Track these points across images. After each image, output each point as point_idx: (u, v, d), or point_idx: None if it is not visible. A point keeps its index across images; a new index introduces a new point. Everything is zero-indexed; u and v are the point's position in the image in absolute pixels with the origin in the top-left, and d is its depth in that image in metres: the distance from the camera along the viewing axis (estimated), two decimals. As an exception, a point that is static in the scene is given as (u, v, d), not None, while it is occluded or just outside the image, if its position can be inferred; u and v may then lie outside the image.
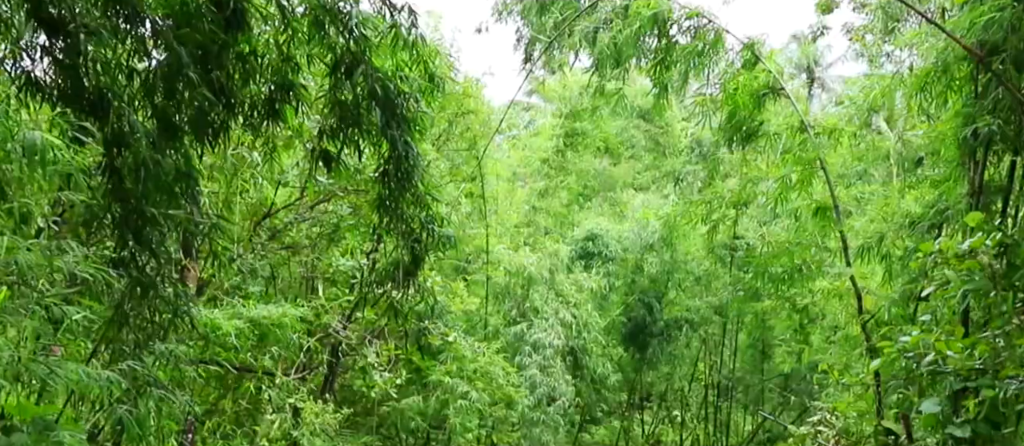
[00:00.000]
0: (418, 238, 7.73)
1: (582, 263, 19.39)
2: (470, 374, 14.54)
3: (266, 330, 9.20)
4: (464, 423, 14.27)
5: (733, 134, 9.06)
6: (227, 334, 8.65)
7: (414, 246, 7.71)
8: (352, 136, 7.68)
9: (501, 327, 17.70)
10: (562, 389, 16.68)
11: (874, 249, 8.77)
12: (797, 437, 8.99)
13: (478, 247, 17.65)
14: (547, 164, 20.90)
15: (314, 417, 12.19)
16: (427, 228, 7.77)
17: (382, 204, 7.80)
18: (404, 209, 7.67)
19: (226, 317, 8.89)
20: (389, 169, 7.65)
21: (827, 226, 8.78)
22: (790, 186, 8.76)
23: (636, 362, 21.82)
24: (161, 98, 6.83)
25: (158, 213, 6.21)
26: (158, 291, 6.32)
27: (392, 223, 7.72)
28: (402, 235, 7.70)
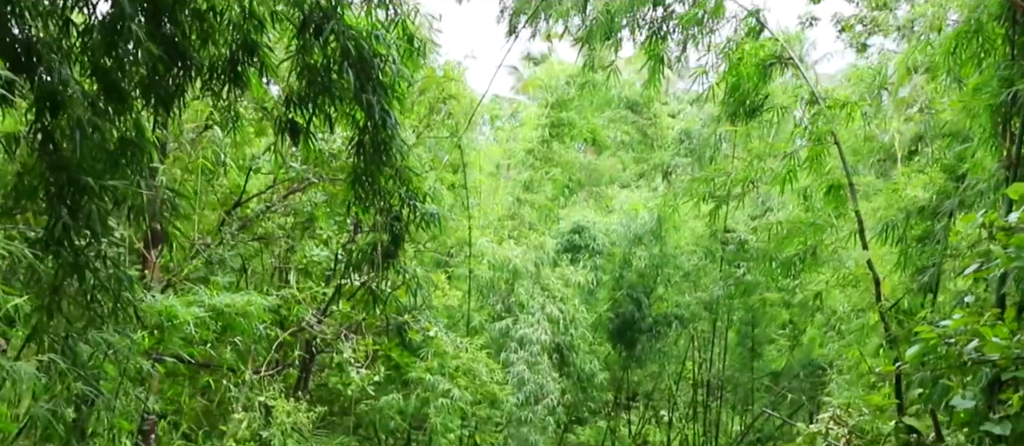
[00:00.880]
0: (398, 215, 6.98)
1: (568, 256, 18.66)
2: (452, 371, 13.78)
3: (230, 320, 8.39)
4: (446, 423, 13.50)
5: (736, 108, 8.37)
6: (184, 324, 7.84)
7: (393, 225, 6.96)
8: (322, 104, 6.94)
9: (485, 323, 16.94)
10: (550, 387, 15.95)
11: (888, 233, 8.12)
12: (807, 436, 8.30)
13: (461, 239, 16.91)
14: (532, 155, 20.18)
15: (286, 416, 11.41)
16: (408, 204, 7.02)
17: (357, 179, 7.04)
18: (382, 184, 6.92)
19: (183, 305, 8.09)
20: (364, 140, 6.89)
21: (840, 206, 8.10)
22: (799, 164, 8.08)
23: (624, 359, 21.12)
24: (103, 55, 6.04)
25: (97, 184, 5.43)
26: (96, 273, 5.54)
27: (369, 200, 6.97)
28: (380, 213, 6.94)
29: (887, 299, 7.63)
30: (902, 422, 7.50)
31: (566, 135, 20.53)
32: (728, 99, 8.50)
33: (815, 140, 8.06)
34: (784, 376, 21.37)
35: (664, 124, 25.73)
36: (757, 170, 8.01)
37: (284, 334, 12.57)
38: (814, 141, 8.07)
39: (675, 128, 25.74)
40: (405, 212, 7.00)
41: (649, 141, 25.55)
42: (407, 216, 7.01)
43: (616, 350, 21.07)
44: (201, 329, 8.28)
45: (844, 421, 8.43)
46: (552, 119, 20.08)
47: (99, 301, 5.61)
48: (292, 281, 12.27)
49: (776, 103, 8.34)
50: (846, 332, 12.53)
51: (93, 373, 5.96)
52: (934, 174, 10.03)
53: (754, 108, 8.43)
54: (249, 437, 10.73)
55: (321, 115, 6.88)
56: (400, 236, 7.01)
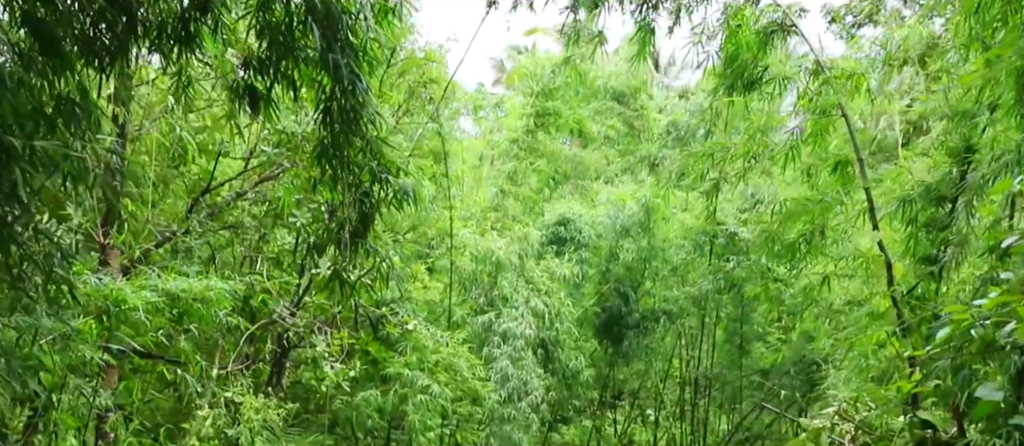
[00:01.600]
0: (368, 191, 6.35)
1: (554, 249, 18.06)
2: (432, 366, 13.15)
3: (187, 307, 7.73)
4: (425, 420, 12.87)
5: (734, 80, 7.79)
6: (133, 310, 7.18)
7: (363, 201, 6.32)
8: (285, 68, 6.30)
9: (467, 317, 16.32)
10: (534, 383, 15.34)
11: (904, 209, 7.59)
12: (812, 432, 7.73)
13: (442, 230, 16.29)
14: (516, 145, 19.55)
15: (255, 413, 10.76)
16: (379, 179, 6.38)
17: (324, 151, 6.39)
18: (351, 156, 6.29)
19: (134, 289, 7.43)
20: (332, 107, 6.25)
21: (847, 185, 7.54)
22: (802, 139, 7.51)
23: (610, 356, 20.53)
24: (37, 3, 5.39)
25: (21, 145, 4.78)
26: (23, 246, 4.89)
27: (337, 176, 6.33)
28: (349, 188, 6.31)
29: (899, 284, 7.08)
30: (916, 416, 6.94)
31: (552, 125, 19.89)
32: (725, 70, 7.92)
33: (821, 113, 7.50)
34: (774, 373, 20.83)
35: (651, 116, 25.17)
36: (759, 144, 7.43)
37: (253, 327, 11.94)
38: (820, 114, 7.50)
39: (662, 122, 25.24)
40: (376, 188, 6.36)
41: (636, 133, 24.99)
42: (379, 193, 6.38)
43: (602, 346, 20.50)
44: (154, 316, 7.62)
45: (850, 415, 7.87)
46: (537, 108, 19.45)
47: (27, 277, 4.96)
48: (263, 270, 11.58)
49: (777, 74, 7.75)
50: (845, 324, 12.00)
51: (24, 363, 5.31)
52: (939, 157, 9.51)
53: (752, 81, 7.85)
54: (214, 435, 10.07)
55: (284, 81, 6.25)
56: (371, 215, 6.37)
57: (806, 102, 7.46)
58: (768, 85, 7.81)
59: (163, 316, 7.80)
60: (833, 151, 7.70)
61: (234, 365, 11.69)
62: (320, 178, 6.41)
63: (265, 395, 11.24)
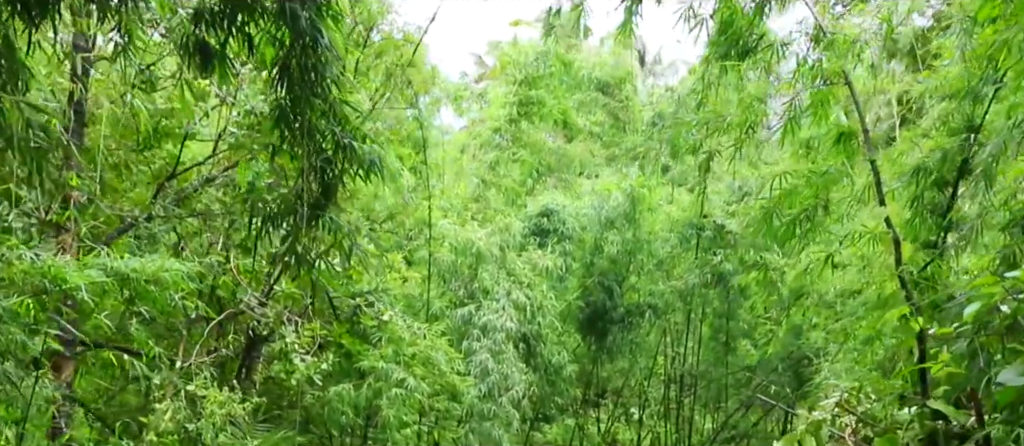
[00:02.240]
0: (330, 159, 5.78)
1: (536, 241, 17.51)
2: (408, 359, 12.57)
3: (139, 289, 7.12)
4: (400, 416, 12.29)
5: (728, 49, 7.26)
6: (74, 289, 6.57)
7: (325, 170, 5.75)
8: (241, 22, 5.72)
9: (446, 309, 15.75)
10: (515, 378, 14.78)
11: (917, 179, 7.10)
12: (812, 424, 7.21)
13: (420, 220, 15.70)
14: (499, 134, 19.02)
15: (219, 407, 10.15)
16: (343, 147, 5.81)
17: (282, 115, 5.82)
18: (312, 121, 5.71)
19: (77, 267, 6.82)
20: (290, 64, 5.68)
21: (850, 159, 7.02)
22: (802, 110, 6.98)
23: (594, 352, 19.99)
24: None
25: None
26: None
27: (295, 141, 5.76)
28: (309, 156, 5.73)
29: (908, 264, 6.58)
30: (926, 406, 6.43)
31: (535, 115, 19.39)
32: (718, 39, 7.39)
33: (822, 81, 6.97)
34: (762, 369, 20.36)
35: (636, 108, 24.67)
36: (757, 113, 6.90)
37: (218, 317, 11.35)
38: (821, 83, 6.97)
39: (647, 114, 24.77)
40: (340, 158, 5.79)
41: (621, 125, 24.47)
42: (342, 162, 5.81)
43: (586, 342, 19.95)
44: (101, 298, 7.01)
45: (852, 407, 7.36)
46: (521, 97, 18.94)
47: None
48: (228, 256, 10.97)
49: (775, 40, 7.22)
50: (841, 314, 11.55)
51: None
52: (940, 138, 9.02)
53: (747, 50, 7.32)
54: (173, 430, 9.46)
55: (239, 36, 5.67)
56: (333, 186, 5.80)
57: (806, 70, 6.94)
58: (765, 52, 7.28)
59: (112, 299, 7.19)
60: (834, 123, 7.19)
61: (198, 357, 11.09)
62: (278, 145, 5.83)
63: (231, 389, 10.61)
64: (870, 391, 7.44)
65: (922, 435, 6.40)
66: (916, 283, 6.60)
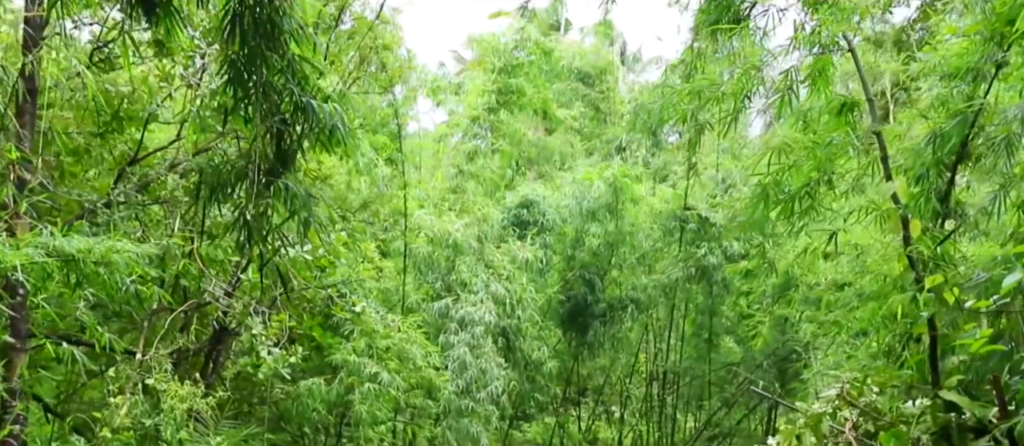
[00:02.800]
0: (287, 120, 5.21)
1: (516, 232, 16.96)
2: (381, 352, 12.00)
3: (85, 271, 6.50)
4: (373, 412, 11.70)
5: (719, 16, 6.73)
6: (11, 269, 5.96)
7: (281, 131, 5.18)
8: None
9: (422, 302, 15.18)
10: (494, 373, 14.23)
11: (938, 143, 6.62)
12: (811, 417, 6.72)
13: (396, 209, 15.13)
14: (477, 123, 18.43)
15: (180, 402, 9.54)
16: (302, 108, 5.24)
17: (234, 72, 5.24)
18: (266, 77, 5.14)
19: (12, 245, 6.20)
20: (244, 15, 5.11)
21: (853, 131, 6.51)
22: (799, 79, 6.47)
23: (575, 348, 19.48)
24: None
25: None
26: None
27: (248, 99, 5.19)
28: (264, 116, 5.16)
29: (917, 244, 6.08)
30: (939, 398, 5.95)
31: (515, 104, 18.80)
32: (708, 5, 6.85)
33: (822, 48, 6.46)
34: (746, 365, 19.95)
35: (617, 99, 24.19)
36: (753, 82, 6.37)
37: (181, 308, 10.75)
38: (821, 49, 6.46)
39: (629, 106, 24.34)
40: (297, 118, 5.22)
41: (601, 116, 23.97)
42: (302, 125, 5.24)
43: (567, 337, 19.44)
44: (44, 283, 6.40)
45: (854, 399, 6.86)
46: (499, 85, 18.35)
47: None
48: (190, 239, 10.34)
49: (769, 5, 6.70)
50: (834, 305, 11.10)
51: None
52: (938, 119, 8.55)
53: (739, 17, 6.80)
54: (129, 426, 8.85)
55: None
56: (291, 151, 5.23)
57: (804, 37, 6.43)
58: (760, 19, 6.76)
59: (54, 282, 6.58)
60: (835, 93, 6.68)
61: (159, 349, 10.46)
62: (231, 106, 5.25)
63: (194, 383, 9.99)
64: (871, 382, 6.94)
65: (934, 429, 5.91)
66: (926, 264, 6.11)
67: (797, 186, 6.27)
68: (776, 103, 6.66)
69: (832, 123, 6.46)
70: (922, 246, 6.04)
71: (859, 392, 6.95)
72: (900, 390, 6.42)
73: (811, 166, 6.21)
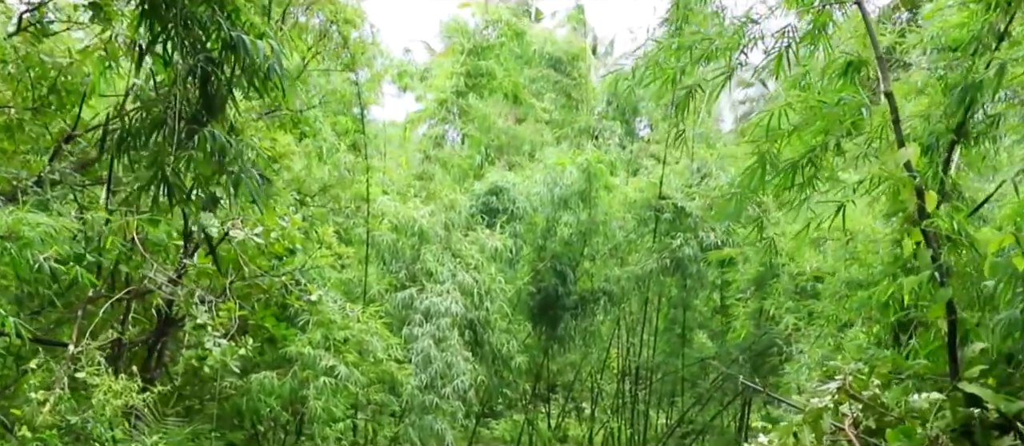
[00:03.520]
0: (214, 60, 4.40)
1: (484, 220, 16.16)
2: (338, 343, 11.17)
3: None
4: (329, 408, 10.88)
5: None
6: None
7: (207, 72, 4.37)
8: None
9: (386, 292, 14.35)
10: (461, 367, 13.44)
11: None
12: (811, 413, 6.02)
13: (358, 195, 14.28)
14: (445, 107, 17.63)
15: (114, 398, 8.66)
16: (232, 45, 4.43)
17: (152, 6, 4.42)
18: (188, 7, 4.32)
19: None
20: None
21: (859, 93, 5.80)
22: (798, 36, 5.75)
23: (545, 341, 18.74)
24: None
25: None
26: None
27: (168, 35, 4.36)
28: (186, 55, 4.34)
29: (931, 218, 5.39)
30: (958, 390, 5.26)
31: (484, 88, 18.03)
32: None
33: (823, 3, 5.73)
34: (720, 360, 19.33)
35: (589, 87, 23.46)
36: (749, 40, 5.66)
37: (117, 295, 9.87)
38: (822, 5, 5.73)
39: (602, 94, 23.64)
40: (227, 58, 4.41)
41: (574, 103, 23.22)
42: (232, 65, 4.43)
43: (537, 330, 18.69)
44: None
45: (858, 392, 6.18)
46: (468, 68, 17.57)
47: None
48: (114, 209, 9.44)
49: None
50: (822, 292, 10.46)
51: None
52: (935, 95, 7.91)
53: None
54: (53, 424, 7.97)
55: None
56: (218, 96, 4.41)
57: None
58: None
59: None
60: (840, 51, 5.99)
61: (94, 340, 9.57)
62: (148, 43, 4.43)
63: (131, 377, 9.11)
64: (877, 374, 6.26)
65: (955, 425, 5.22)
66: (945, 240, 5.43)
67: (800, 152, 5.54)
68: (773, 62, 5.93)
69: (836, 85, 5.75)
70: (939, 221, 5.34)
71: (863, 385, 6.27)
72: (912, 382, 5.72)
73: (817, 129, 5.49)
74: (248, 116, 11.47)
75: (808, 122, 5.47)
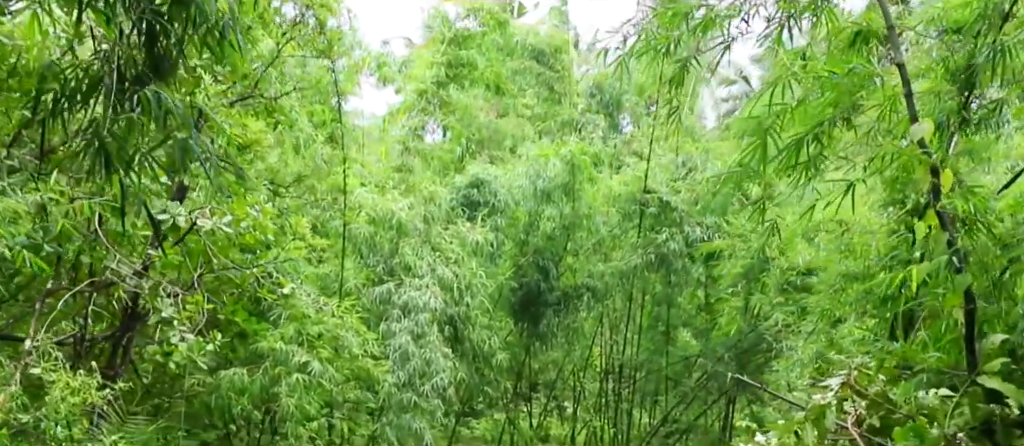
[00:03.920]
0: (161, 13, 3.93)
1: (465, 213, 15.69)
2: (312, 339, 10.69)
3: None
4: (302, 405, 10.39)
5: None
6: None
7: (154, 28, 3.90)
8: None
9: (363, 287, 13.87)
10: (440, 364, 12.97)
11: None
12: (814, 409, 5.62)
13: (334, 186, 13.81)
14: (424, 98, 17.16)
15: (71, 395, 8.15)
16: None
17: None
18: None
19: None
20: None
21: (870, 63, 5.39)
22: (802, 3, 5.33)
23: (527, 338, 18.29)
24: None
25: None
26: None
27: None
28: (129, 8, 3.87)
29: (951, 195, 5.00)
30: (977, 384, 4.87)
31: (466, 78, 17.57)
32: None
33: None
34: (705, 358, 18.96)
35: (572, 80, 23.04)
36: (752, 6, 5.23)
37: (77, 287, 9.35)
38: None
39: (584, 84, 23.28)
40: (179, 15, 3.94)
41: (556, 96, 22.79)
42: (183, 21, 3.95)
43: (518, 327, 18.24)
44: None
45: (863, 388, 5.78)
46: (449, 57, 17.11)
47: None
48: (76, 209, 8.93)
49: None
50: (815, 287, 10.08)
51: None
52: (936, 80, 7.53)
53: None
54: (2, 423, 7.47)
55: None
56: (166, 56, 3.94)
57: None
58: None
59: None
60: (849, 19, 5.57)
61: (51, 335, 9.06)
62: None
63: (90, 373, 8.59)
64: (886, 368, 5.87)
65: (974, 423, 4.83)
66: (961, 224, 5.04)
67: (807, 127, 5.12)
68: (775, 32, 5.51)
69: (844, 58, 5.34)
70: (957, 201, 4.94)
71: (868, 380, 5.88)
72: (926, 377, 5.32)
73: (825, 102, 5.07)
74: (219, 102, 11.03)
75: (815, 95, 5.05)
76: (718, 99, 37.65)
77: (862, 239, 9.39)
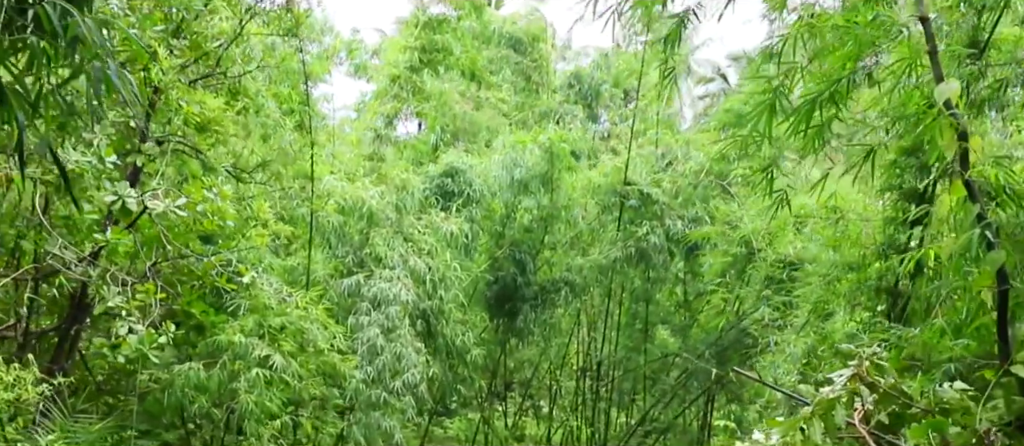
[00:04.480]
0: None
1: (439, 203, 15.05)
2: (274, 331, 10.02)
3: None
4: (263, 402, 9.72)
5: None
6: None
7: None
8: None
9: (331, 279, 13.20)
10: (412, 359, 12.33)
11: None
12: (823, 404, 5.05)
13: (301, 172, 13.12)
14: (397, 84, 16.51)
15: (4, 390, 7.46)
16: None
17: None
18: None
19: None
20: None
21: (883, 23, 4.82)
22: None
23: (503, 334, 17.68)
24: None
25: None
26: None
27: None
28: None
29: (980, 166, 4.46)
30: (1011, 374, 4.31)
31: (440, 63, 16.94)
32: None
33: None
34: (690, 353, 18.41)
35: (550, 70, 22.48)
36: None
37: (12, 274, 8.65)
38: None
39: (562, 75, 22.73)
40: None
41: (534, 86, 22.20)
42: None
43: (494, 322, 17.63)
44: None
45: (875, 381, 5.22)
46: (423, 42, 16.48)
47: None
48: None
49: None
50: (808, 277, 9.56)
51: None
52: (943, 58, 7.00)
53: None
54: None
55: None
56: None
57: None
58: None
59: None
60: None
61: None
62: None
63: (25, 366, 7.90)
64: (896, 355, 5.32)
65: (1009, 417, 4.27)
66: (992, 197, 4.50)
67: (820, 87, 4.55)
68: None
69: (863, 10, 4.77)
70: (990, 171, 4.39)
71: (881, 372, 5.32)
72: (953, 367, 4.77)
73: (844, 55, 4.50)
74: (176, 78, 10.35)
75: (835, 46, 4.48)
76: (694, 97, 37.21)
77: (856, 228, 8.89)
